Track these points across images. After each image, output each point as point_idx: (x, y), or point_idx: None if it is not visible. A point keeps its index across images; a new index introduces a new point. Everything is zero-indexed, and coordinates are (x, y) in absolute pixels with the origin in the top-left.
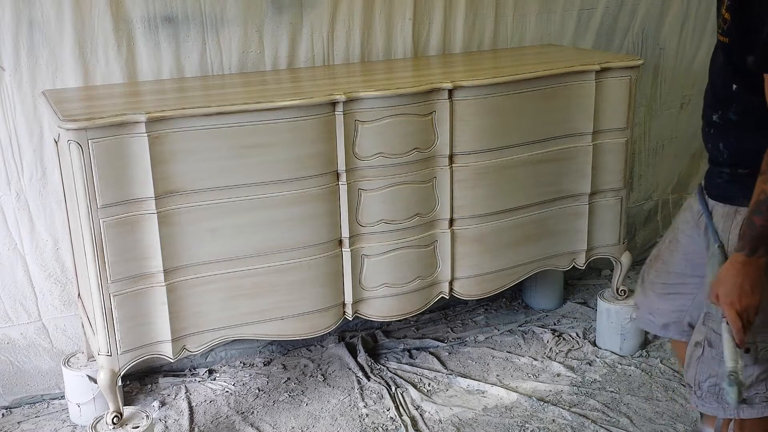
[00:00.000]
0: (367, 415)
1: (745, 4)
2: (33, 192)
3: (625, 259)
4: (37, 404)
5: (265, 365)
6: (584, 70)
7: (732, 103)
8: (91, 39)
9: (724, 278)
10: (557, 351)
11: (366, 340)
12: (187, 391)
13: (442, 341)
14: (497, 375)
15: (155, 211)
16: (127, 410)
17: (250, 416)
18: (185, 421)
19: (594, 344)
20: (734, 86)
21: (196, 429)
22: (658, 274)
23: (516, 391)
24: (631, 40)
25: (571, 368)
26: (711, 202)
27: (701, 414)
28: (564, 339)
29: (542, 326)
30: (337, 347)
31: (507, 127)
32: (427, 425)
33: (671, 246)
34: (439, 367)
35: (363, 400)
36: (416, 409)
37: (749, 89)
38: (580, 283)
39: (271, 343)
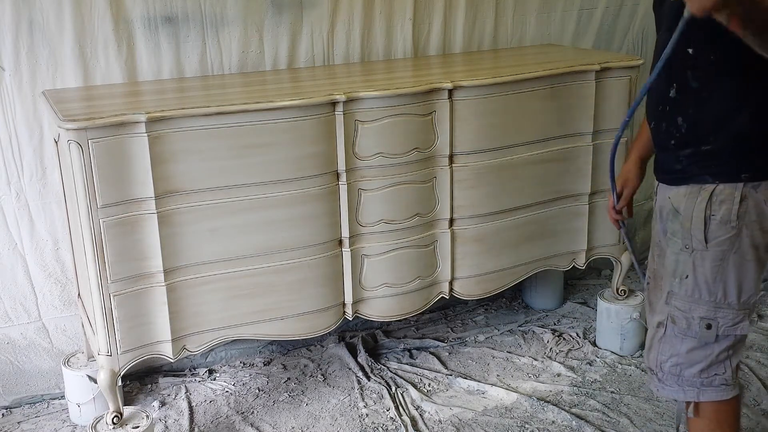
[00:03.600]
0: (367, 415)
1: None
2: (33, 192)
3: (625, 259)
4: (37, 404)
5: (265, 365)
6: (584, 70)
7: (688, 70)
8: (91, 39)
9: None
10: (557, 351)
11: (366, 340)
12: (187, 391)
13: (442, 341)
14: (497, 375)
15: (155, 211)
16: (127, 410)
17: (250, 416)
18: (185, 421)
19: (594, 344)
20: (690, 50)
21: (196, 429)
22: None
23: (516, 392)
24: (631, 40)
25: (572, 368)
26: (671, 189)
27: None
28: (564, 339)
29: (542, 326)
30: (337, 347)
31: (507, 127)
32: (427, 425)
33: (660, 259)
34: (439, 367)
35: (363, 400)
36: (416, 409)
37: (708, 48)
38: (580, 283)
39: (271, 343)
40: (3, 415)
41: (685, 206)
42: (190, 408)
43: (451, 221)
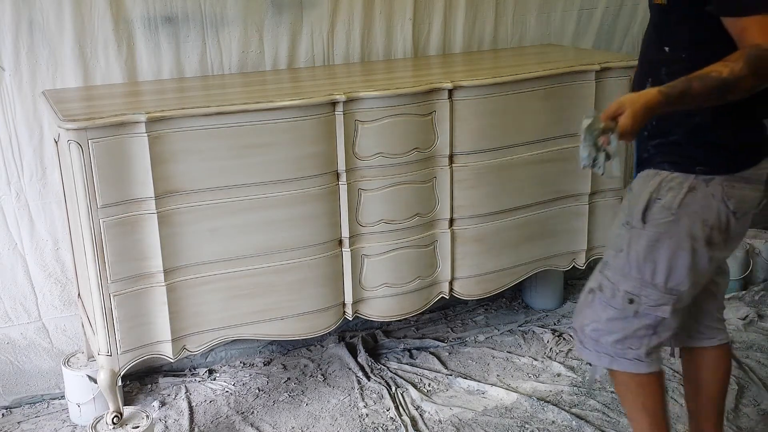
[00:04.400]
0: (367, 415)
1: None
2: (33, 192)
3: None
4: (37, 404)
5: (265, 365)
6: (584, 70)
7: (663, 66)
8: (91, 39)
9: (638, 96)
10: (557, 351)
11: (366, 340)
12: (187, 391)
13: (442, 341)
14: (497, 375)
15: (155, 211)
16: (127, 410)
17: (250, 416)
18: (185, 421)
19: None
20: (667, 48)
21: (196, 429)
22: None
23: (516, 392)
24: (631, 40)
25: (572, 368)
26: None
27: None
28: (564, 339)
29: (542, 326)
30: (337, 347)
31: (507, 127)
32: (427, 425)
33: None
34: (439, 367)
35: (363, 400)
36: (416, 409)
37: (682, 48)
38: (580, 283)
39: (271, 343)
40: (3, 415)
41: (638, 186)
42: (190, 408)
43: (451, 221)
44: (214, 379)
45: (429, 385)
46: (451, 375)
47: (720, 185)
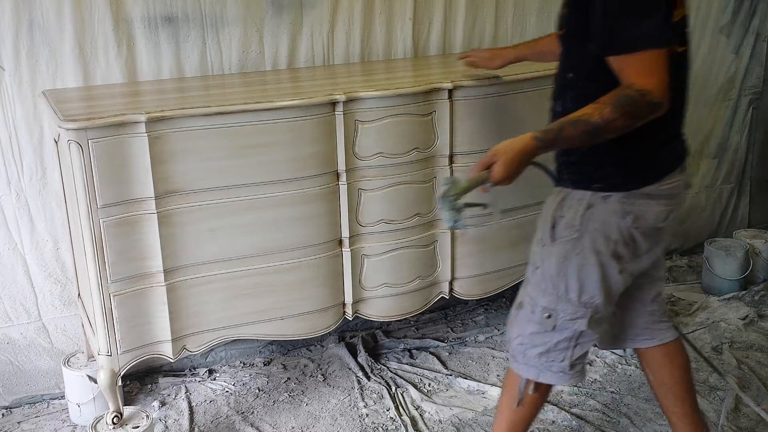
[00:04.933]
0: (367, 415)
1: None
2: (33, 192)
3: None
4: (37, 404)
5: (265, 365)
6: None
7: (569, 90)
8: (91, 39)
9: (512, 144)
10: None
11: (366, 340)
12: (187, 391)
13: (442, 341)
14: (497, 375)
15: (155, 211)
16: (127, 410)
17: (250, 416)
18: (185, 421)
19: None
20: (570, 75)
21: (196, 429)
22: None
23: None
24: None
25: None
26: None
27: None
28: None
29: None
30: (337, 347)
31: (507, 127)
32: (427, 425)
33: None
34: (439, 367)
35: (363, 400)
36: (416, 409)
37: (584, 77)
38: None
39: (271, 343)
40: (3, 415)
41: (546, 204)
42: (190, 408)
43: None
44: (214, 379)
45: (429, 385)
46: (451, 375)
47: (618, 202)
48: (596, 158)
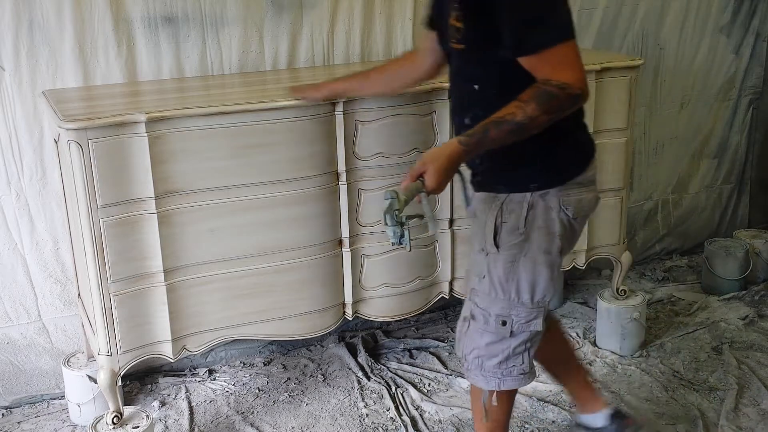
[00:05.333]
0: (367, 415)
1: (478, 7)
2: (33, 192)
3: (626, 259)
4: (37, 404)
5: (265, 365)
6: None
7: (477, 102)
8: (91, 39)
9: (439, 152)
10: None
11: (366, 340)
12: (187, 391)
13: (442, 341)
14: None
15: (155, 211)
16: (127, 410)
17: (250, 416)
18: (185, 421)
19: (594, 344)
20: (476, 86)
21: (196, 429)
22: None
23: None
24: (630, 40)
25: None
26: (474, 192)
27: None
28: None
29: None
30: (337, 347)
31: None
32: (427, 425)
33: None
34: (439, 367)
35: (363, 400)
36: (416, 409)
37: (493, 84)
38: (580, 283)
39: (271, 343)
40: (3, 415)
41: (481, 212)
42: (190, 408)
43: (451, 221)
44: (214, 379)
45: (429, 385)
46: (451, 375)
47: (555, 197)
48: (527, 159)
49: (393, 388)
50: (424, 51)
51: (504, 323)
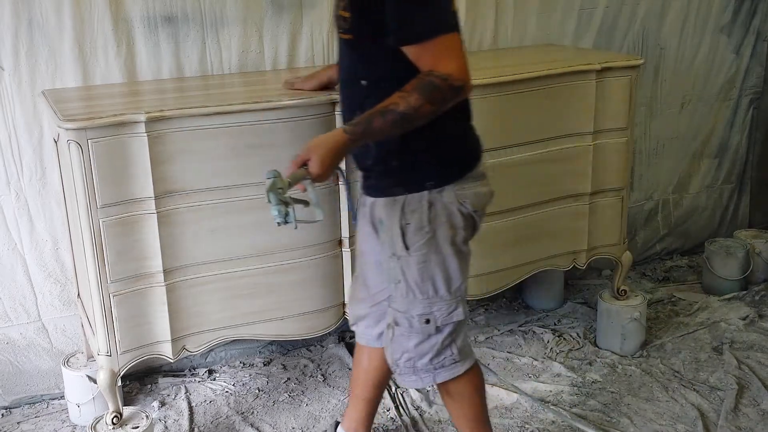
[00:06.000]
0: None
1: None
2: (33, 192)
3: (626, 259)
4: (37, 404)
5: (265, 365)
6: (584, 70)
7: (368, 97)
8: (90, 39)
9: (324, 139)
10: (558, 351)
11: None
12: (186, 391)
13: None
14: (497, 375)
15: (155, 211)
16: (127, 410)
17: (250, 416)
18: (185, 422)
19: (594, 344)
20: (363, 82)
21: (195, 429)
22: (360, 288)
23: (516, 392)
24: (631, 40)
25: (572, 368)
26: (374, 200)
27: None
28: (564, 339)
29: (543, 326)
30: (337, 347)
31: (507, 127)
32: (426, 425)
33: (359, 258)
34: None
35: None
36: (416, 409)
37: (382, 78)
38: (581, 283)
39: (271, 343)
40: (3, 415)
41: (386, 217)
42: (190, 408)
43: None
44: (214, 380)
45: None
46: None
47: (452, 192)
48: (419, 158)
49: (393, 388)
50: None
51: (428, 321)
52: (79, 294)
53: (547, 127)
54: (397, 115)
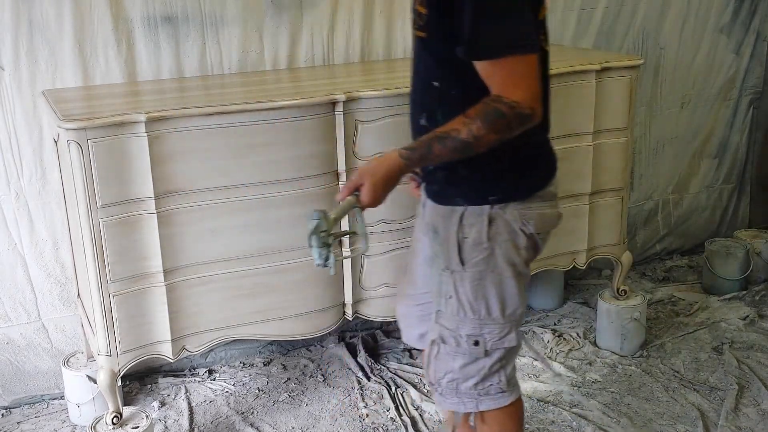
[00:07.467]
0: (367, 415)
1: None
2: (33, 192)
3: (626, 259)
4: (37, 404)
5: (265, 365)
6: (584, 70)
7: (436, 101)
8: (90, 39)
9: (378, 165)
10: (558, 351)
11: (366, 340)
12: (186, 391)
13: None
14: None
15: (155, 211)
16: (127, 410)
17: (250, 416)
18: (185, 422)
19: (594, 344)
20: (436, 83)
21: (195, 429)
22: (408, 285)
23: None
24: (631, 40)
25: (572, 368)
26: (433, 205)
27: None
28: (564, 339)
29: (542, 326)
30: (337, 347)
31: None
32: (426, 425)
33: (409, 255)
34: None
35: (363, 400)
36: (416, 409)
37: (452, 83)
38: (581, 283)
39: (271, 343)
40: (3, 415)
41: (442, 228)
42: (190, 408)
43: None
44: (214, 380)
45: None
46: None
47: (516, 210)
48: (486, 170)
49: (393, 389)
50: None
51: (477, 343)
52: (79, 294)
53: None
54: (457, 142)
